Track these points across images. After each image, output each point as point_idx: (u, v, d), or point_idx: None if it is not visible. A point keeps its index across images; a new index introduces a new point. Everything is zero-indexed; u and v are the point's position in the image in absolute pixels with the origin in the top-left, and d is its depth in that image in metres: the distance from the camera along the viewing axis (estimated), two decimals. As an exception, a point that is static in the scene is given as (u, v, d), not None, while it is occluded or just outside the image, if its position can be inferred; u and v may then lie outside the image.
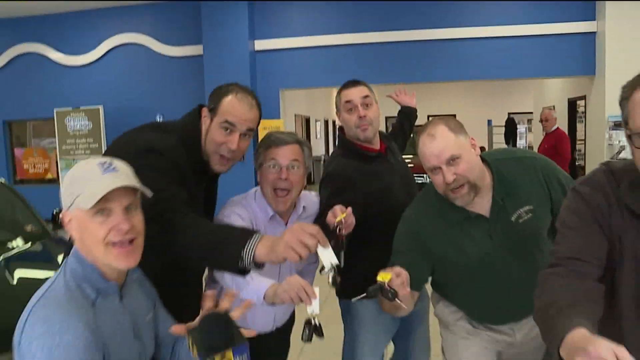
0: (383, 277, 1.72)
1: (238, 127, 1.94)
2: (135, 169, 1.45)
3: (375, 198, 2.36)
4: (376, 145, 2.52)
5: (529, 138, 16.47)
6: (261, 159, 2.17)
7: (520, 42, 8.62)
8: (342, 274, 1.73)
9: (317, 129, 17.44)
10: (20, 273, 3.06)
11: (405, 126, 3.12)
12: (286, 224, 2.19)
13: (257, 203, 2.20)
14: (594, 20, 8.39)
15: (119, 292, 1.41)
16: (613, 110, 7.85)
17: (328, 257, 1.58)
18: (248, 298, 1.75)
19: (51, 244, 3.52)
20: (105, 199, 1.29)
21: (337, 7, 9.01)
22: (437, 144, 1.87)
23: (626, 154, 7.11)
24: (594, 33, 8.42)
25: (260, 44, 9.13)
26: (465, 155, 1.89)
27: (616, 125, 7.86)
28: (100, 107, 9.11)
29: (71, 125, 9.19)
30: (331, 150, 18.36)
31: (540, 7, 8.53)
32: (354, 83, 2.48)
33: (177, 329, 1.44)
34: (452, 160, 1.87)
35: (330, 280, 1.63)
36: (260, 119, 2.03)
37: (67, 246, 3.42)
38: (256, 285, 1.85)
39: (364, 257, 2.24)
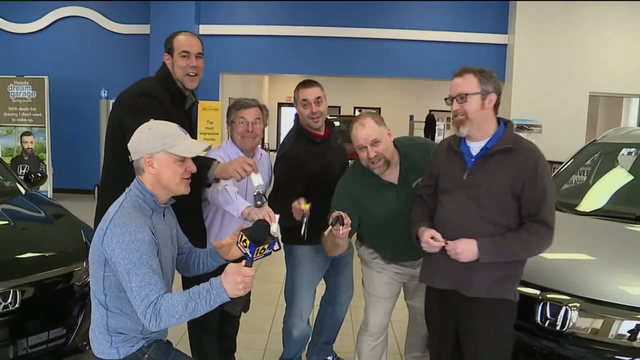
0: (339, 212, 2.48)
1: (192, 52, 2.83)
2: (134, 108, 2.55)
3: (318, 173, 3.10)
4: (322, 131, 3.25)
5: (447, 134, 17.27)
6: (232, 117, 3.04)
7: (442, 47, 9.46)
8: (288, 227, 2.74)
9: (249, 112, 17.85)
10: (21, 224, 3.52)
11: None
12: None
13: (230, 150, 3.02)
14: (506, 34, 9.47)
15: (163, 211, 2.08)
16: (517, 113, 8.87)
17: (257, 180, 2.51)
18: (230, 211, 2.64)
19: (49, 206, 3.96)
20: None
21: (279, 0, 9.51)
22: (365, 131, 2.69)
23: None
24: (505, 45, 9.50)
25: (205, 29, 9.50)
26: (384, 140, 2.72)
27: (519, 128, 8.84)
28: (46, 78, 9.20)
29: (14, 93, 9.23)
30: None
31: (461, 18, 9.49)
32: (310, 84, 3.18)
33: (216, 243, 2.19)
34: (375, 142, 2.69)
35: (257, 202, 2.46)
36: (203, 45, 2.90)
37: (51, 203, 3.95)
38: (238, 203, 2.62)
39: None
